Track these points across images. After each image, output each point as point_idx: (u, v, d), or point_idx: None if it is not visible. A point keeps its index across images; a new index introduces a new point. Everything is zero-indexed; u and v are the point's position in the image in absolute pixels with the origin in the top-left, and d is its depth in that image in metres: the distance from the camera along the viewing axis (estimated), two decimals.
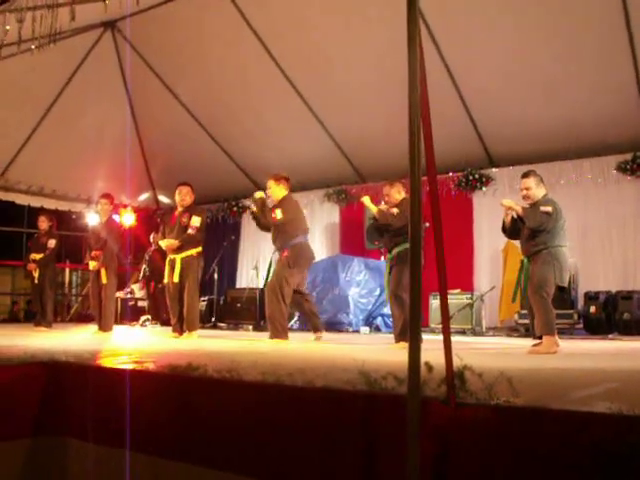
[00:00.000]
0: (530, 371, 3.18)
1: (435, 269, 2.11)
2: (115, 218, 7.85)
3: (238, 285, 11.32)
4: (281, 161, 9.91)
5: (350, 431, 2.12)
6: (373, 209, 5.60)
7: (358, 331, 8.65)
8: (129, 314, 10.49)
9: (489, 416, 1.87)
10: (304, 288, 6.25)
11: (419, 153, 1.97)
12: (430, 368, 2.08)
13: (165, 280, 6.65)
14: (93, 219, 10.27)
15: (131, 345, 5.31)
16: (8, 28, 5.52)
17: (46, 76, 9.23)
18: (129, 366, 3.06)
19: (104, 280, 7.16)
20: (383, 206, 5.59)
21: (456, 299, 8.21)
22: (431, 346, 2.39)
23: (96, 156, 10.42)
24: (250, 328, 9.17)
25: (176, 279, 6.41)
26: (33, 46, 5.72)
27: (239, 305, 9.52)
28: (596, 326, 7.40)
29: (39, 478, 2.91)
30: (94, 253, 7.25)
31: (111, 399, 2.81)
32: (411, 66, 1.98)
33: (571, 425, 1.74)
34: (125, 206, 11.86)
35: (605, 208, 8.31)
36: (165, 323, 8.88)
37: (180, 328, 6.46)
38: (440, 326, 3.58)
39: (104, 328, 7.11)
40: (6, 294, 16.48)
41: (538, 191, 4.91)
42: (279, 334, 5.68)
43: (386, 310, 8.54)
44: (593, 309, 7.46)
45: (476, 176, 9.21)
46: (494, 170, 9.21)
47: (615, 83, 7.47)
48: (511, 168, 8.88)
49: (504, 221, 5.10)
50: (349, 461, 2.10)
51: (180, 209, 6.67)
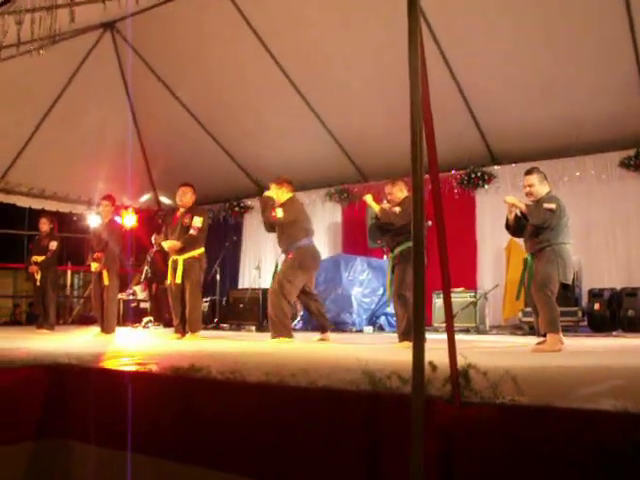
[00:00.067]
0: (535, 369, 3.18)
1: (438, 268, 2.11)
2: (117, 219, 7.87)
3: (240, 286, 11.32)
4: (282, 161, 9.91)
5: (354, 431, 2.12)
6: (375, 207, 5.59)
7: (361, 331, 8.65)
8: (131, 316, 10.50)
9: (494, 415, 1.87)
10: (312, 289, 6.24)
11: (421, 151, 1.97)
12: (434, 367, 2.08)
13: (167, 281, 6.66)
14: (94, 221, 10.30)
15: (133, 347, 5.31)
16: (7, 31, 5.52)
17: (46, 77, 9.24)
18: (132, 368, 3.06)
19: (106, 282, 7.18)
20: (385, 205, 5.58)
21: (459, 297, 8.21)
22: (435, 345, 2.38)
23: (97, 157, 10.43)
24: (253, 329, 9.18)
25: (178, 280, 6.41)
26: (32, 48, 5.73)
27: (242, 306, 9.53)
28: (600, 323, 7.39)
29: None
30: (96, 255, 7.27)
31: (114, 401, 2.81)
32: (412, 64, 1.97)
33: (576, 423, 1.74)
34: (126, 207, 11.88)
35: (609, 205, 8.29)
36: (168, 324, 8.88)
37: (182, 329, 6.47)
38: (444, 325, 3.57)
39: (106, 330, 7.13)
40: (8, 297, 16.49)
41: (541, 188, 4.89)
42: (281, 333, 5.69)
43: (389, 309, 8.53)
44: (597, 306, 7.46)
45: (478, 174, 9.20)
46: (496, 168, 9.20)
47: (618, 78, 7.45)
48: (513, 165, 8.87)
49: (507, 218, 5.08)
50: (353, 461, 2.10)
51: (182, 210, 6.68)
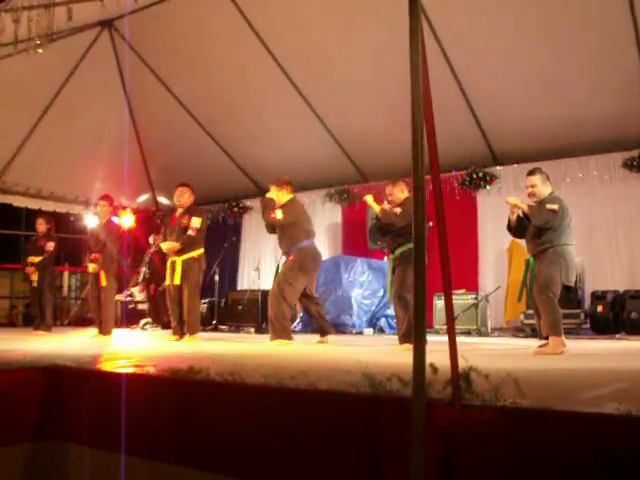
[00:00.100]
0: (537, 372, 3.18)
1: (439, 269, 2.11)
2: (114, 220, 7.86)
3: (239, 287, 11.33)
4: (282, 161, 9.91)
5: (354, 434, 2.11)
6: (376, 208, 5.59)
7: (361, 333, 8.66)
8: (129, 317, 10.50)
9: (495, 418, 1.87)
10: (313, 291, 6.24)
11: (422, 151, 1.97)
12: (435, 370, 2.08)
13: (166, 282, 6.66)
14: (92, 221, 10.30)
15: (131, 349, 5.30)
16: (4, 29, 5.53)
17: (43, 76, 9.24)
18: (129, 370, 3.06)
19: (103, 283, 7.17)
20: (386, 205, 5.58)
21: (461, 299, 8.21)
22: (436, 347, 2.39)
23: (94, 157, 10.43)
24: (252, 331, 9.19)
25: (177, 281, 6.41)
26: (30, 47, 5.74)
27: (240, 307, 9.53)
28: (603, 326, 7.39)
29: None
30: (93, 255, 7.27)
31: (111, 403, 2.81)
32: (413, 62, 1.97)
33: (578, 427, 1.74)
34: (124, 208, 11.88)
35: (612, 205, 8.29)
36: (166, 326, 8.88)
37: (181, 331, 6.47)
38: (445, 327, 3.57)
39: (104, 332, 7.13)
40: (4, 297, 16.47)
41: (544, 189, 4.90)
42: (281, 334, 5.69)
43: (390, 311, 8.54)
44: (600, 308, 7.46)
45: (480, 174, 9.20)
46: (498, 168, 9.20)
47: (621, 79, 7.45)
48: (516, 166, 8.88)
49: (509, 219, 5.08)
50: (353, 465, 2.10)
51: (180, 210, 6.68)
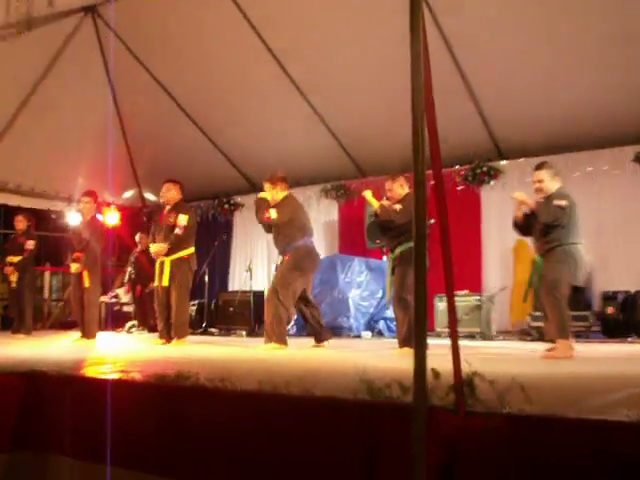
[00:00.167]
0: (544, 377, 3.18)
1: (441, 269, 2.10)
2: (98, 217, 7.84)
3: (230, 288, 11.30)
4: (274, 154, 9.89)
5: (352, 443, 2.11)
6: (375, 204, 5.59)
7: (359, 336, 8.64)
8: (114, 320, 10.48)
9: (500, 425, 1.87)
10: (309, 294, 6.19)
11: (423, 145, 1.96)
12: (437, 375, 2.08)
13: (154, 284, 6.65)
14: (74, 219, 10.25)
15: (116, 353, 5.30)
16: None
17: (22, 65, 9.16)
18: (114, 376, 3.05)
19: (86, 284, 7.14)
20: (385, 202, 5.57)
21: (464, 301, 8.20)
22: (438, 351, 2.38)
23: (77, 152, 10.38)
24: (244, 334, 9.17)
25: (165, 283, 6.40)
26: (8, 35, 5.71)
27: (232, 309, 9.51)
28: (614, 328, 7.40)
29: None
30: (76, 255, 7.24)
31: (95, 412, 2.80)
32: (414, 50, 1.97)
33: (587, 434, 1.74)
34: (109, 204, 11.84)
35: (622, 202, 8.29)
36: (152, 329, 8.86)
37: (168, 334, 6.45)
38: (447, 330, 3.57)
39: (87, 335, 7.10)
40: None
41: (552, 184, 4.90)
42: (276, 339, 5.66)
43: (389, 313, 8.54)
44: (611, 310, 7.47)
45: (484, 169, 9.19)
46: (503, 162, 9.20)
47: (633, 69, 7.46)
48: (521, 160, 8.86)
49: (516, 216, 5.08)
50: (350, 475, 2.10)
51: (168, 208, 6.66)
